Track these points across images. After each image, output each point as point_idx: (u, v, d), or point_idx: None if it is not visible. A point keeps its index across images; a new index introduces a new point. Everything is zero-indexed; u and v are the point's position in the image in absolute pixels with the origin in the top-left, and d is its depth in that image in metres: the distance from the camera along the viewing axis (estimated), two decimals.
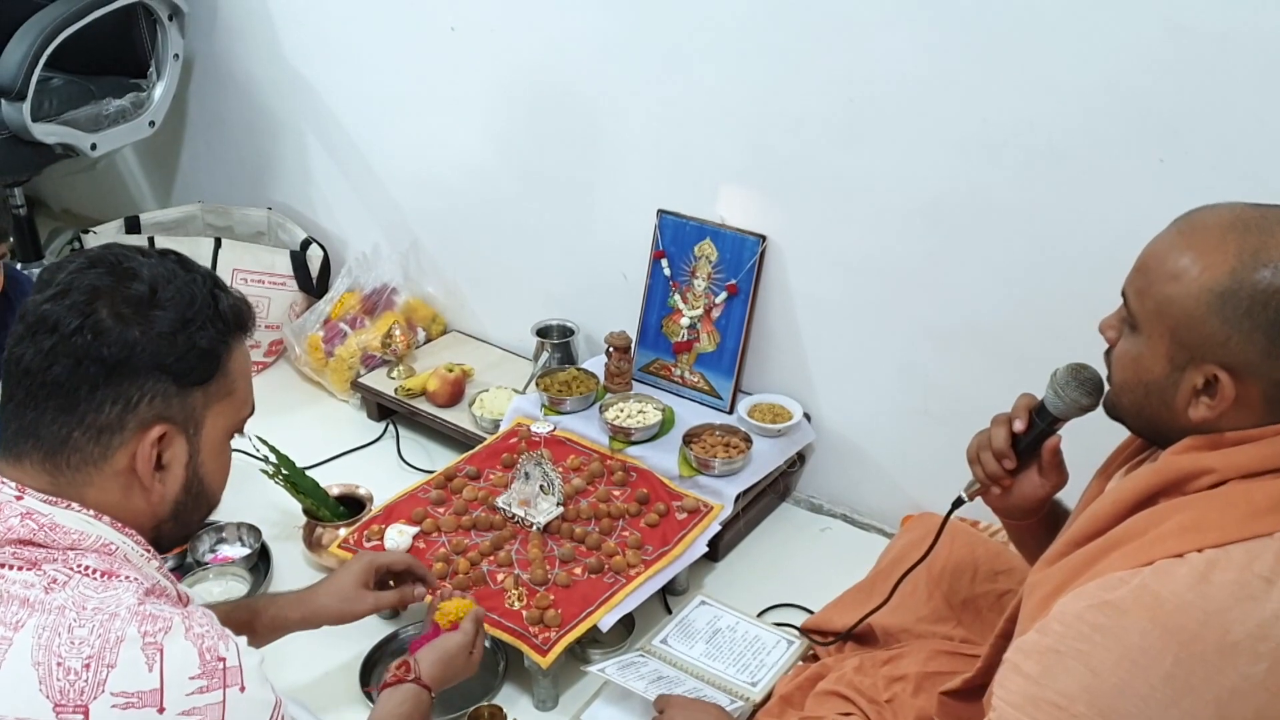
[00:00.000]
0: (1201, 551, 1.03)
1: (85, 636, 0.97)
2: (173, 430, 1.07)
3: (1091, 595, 1.06)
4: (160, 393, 1.05)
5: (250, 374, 1.18)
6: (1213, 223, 1.06)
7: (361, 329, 2.58)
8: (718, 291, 2.16)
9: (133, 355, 1.03)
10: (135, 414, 1.05)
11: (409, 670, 1.47)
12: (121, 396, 1.04)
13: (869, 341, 2.06)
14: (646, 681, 1.68)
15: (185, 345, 1.06)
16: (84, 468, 1.06)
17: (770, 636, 1.83)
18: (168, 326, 1.04)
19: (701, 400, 2.22)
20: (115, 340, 1.03)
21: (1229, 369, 1.05)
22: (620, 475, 2.04)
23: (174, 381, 1.06)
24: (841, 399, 2.15)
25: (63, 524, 1.03)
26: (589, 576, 1.83)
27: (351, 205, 2.77)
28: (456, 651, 1.53)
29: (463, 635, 1.55)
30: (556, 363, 2.38)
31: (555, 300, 2.49)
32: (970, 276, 1.91)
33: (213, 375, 1.09)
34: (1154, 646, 1.00)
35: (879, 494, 2.17)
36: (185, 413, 1.08)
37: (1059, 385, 1.30)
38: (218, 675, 1.01)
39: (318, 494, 2.07)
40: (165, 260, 1.09)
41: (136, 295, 1.05)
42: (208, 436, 1.11)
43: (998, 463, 1.36)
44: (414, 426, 2.48)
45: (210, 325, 1.08)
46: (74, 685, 0.96)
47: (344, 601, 1.59)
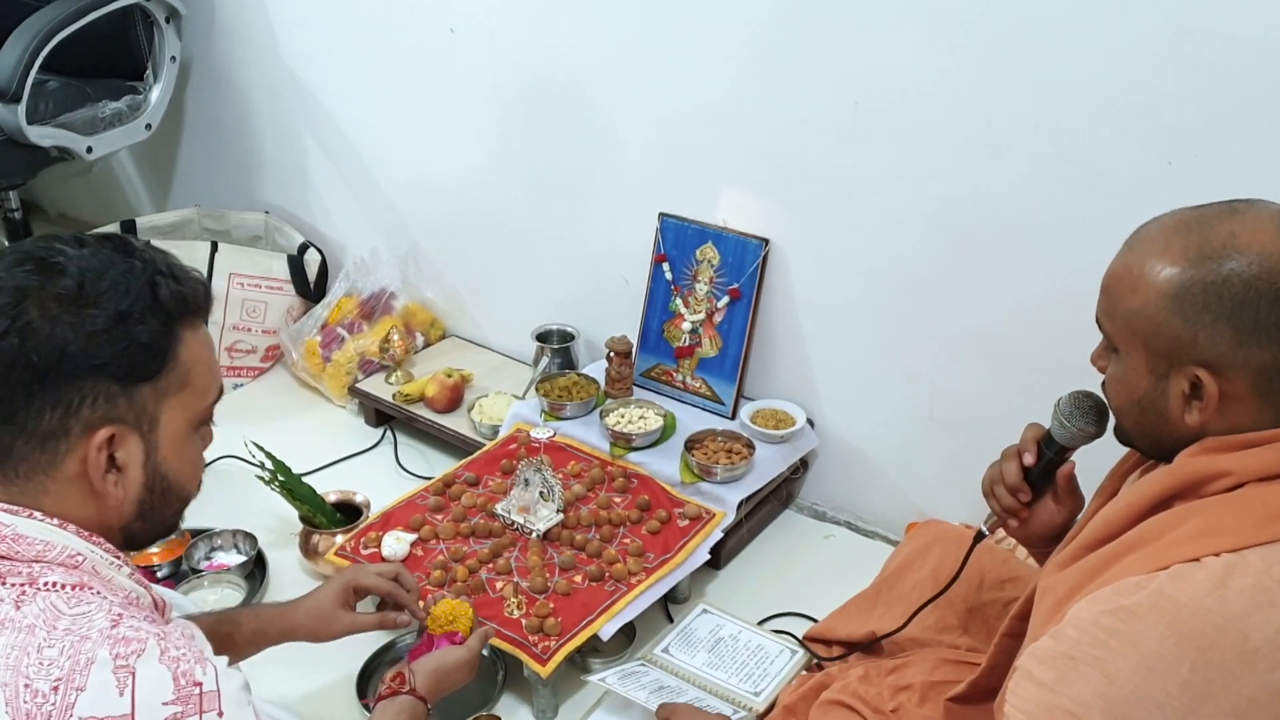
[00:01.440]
0: (1219, 556, 1.01)
1: (55, 658, 0.93)
2: (123, 430, 1.02)
3: (1107, 600, 1.04)
4: (102, 393, 1.00)
5: (211, 359, 1.11)
6: (1155, 231, 1.09)
7: (359, 334, 2.55)
8: (720, 296, 2.14)
9: (65, 358, 0.98)
10: (77, 418, 1.00)
11: (404, 681, 1.44)
12: (60, 401, 0.99)
13: (873, 347, 2.04)
14: (648, 691, 1.65)
15: (122, 342, 1.00)
16: (34, 476, 1.01)
17: (773, 645, 1.81)
18: (101, 324, 0.99)
19: (703, 406, 2.20)
20: (44, 343, 0.97)
21: (1207, 366, 1.05)
22: (621, 482, 2.02)
23: (115, 380, 1.00)
24: (845, 405, 2.13)
25: (26, 534, 0.99)
26: (589, 584, 1.81)
27: (349, 209, 2.75)
28: (455, 665, 1.50)
29: (466, 652, 1.52)
30: (556, 368, 2.35)
31: (555, 305, 2.47)
32: (976, 281, 1.88)
33: (161, 369, 1.03)
34: (1171, 653, 0.98)
35: (883, 501, 2.15)
36: (134, 411, 1.02)
37: (1063, 416, 1.30)
38: (193, 701, 0.97)
39: (314, 500, 2.05)
40: (101, 250, 1.03)
41: (65, 292, 0.99)
42: (166, 431, 1.05)
43: (1012, 496, 1.36)
44: (412, 432, 2.46)
45: (150, 317, 1.01)
46: (41, 709, 0.92)
47: (320, 621, 1.53)
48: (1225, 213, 1.06)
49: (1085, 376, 1.33)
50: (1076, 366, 1.40)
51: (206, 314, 1.10)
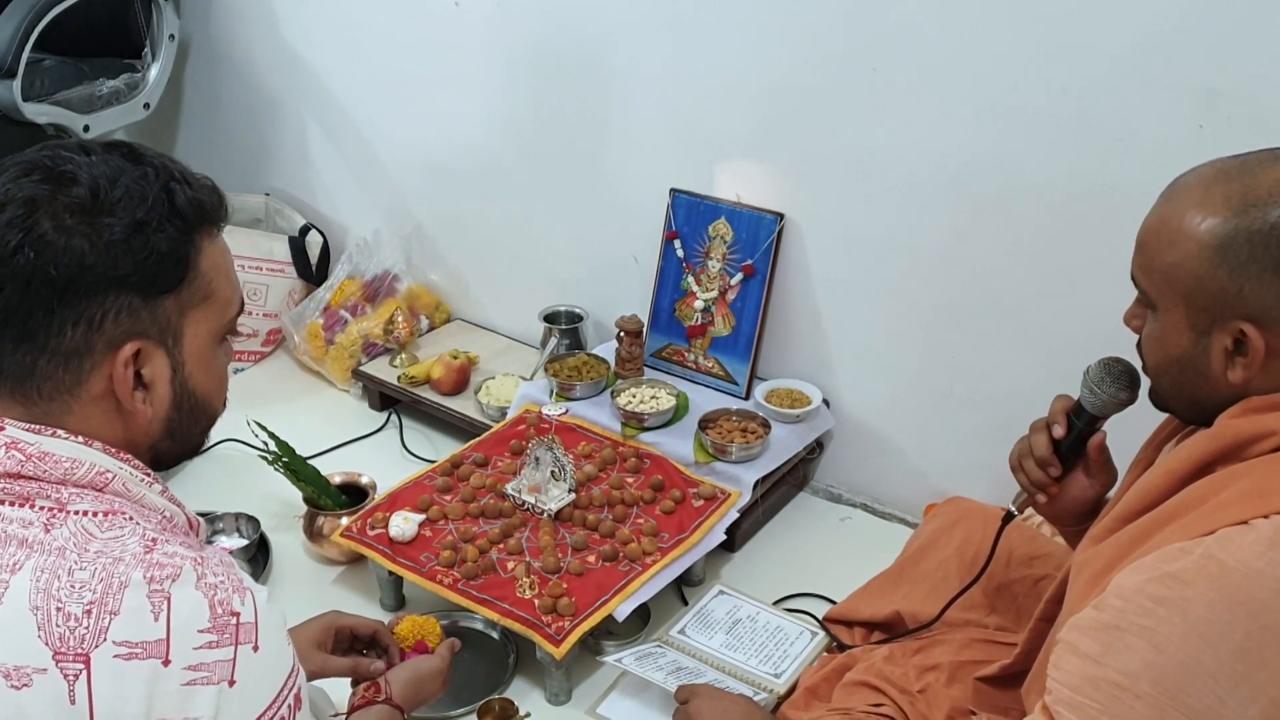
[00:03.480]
0: (1268, 518, 0.97)
1: (87, 580, 0.89)
2: (148, 345, 0.98)
3: (1151, 568, 1.00)
4: (125, 307, 0.95)
5: (231, 269, 1.06)
6: (1194, 181, 1.05)
7: (363, 316, 2.50)
8: (733, 273, 2.09)
9: (84, 270, 0.93)
10: (101, 334, 0.95)
11: (379, 691, 1.37)
12: (82, 317, 0.94)
13: (891, 323, 2.00)
14: (666, 673, 1.60)
15: (142, 252, 0.95)
16: (59, 396, 0.97)
17: (793, 627, 1.76)
18: (119, 233, 0.94)
19: (716, 386, 2.15)
20: (61, 255, 0.93)
21: (1253, 320, 1.01)
22: (634, 462, 1.97)
23: (137, 293, 0.96)
24: (862, 384, 2.08)
25: (53, 452, 0.95)
26: (603, 564, 1.76)
27: (351, 190, 2.70)
28: (429, 675, 1.43)
29: (439, 661, 1.45)
30: (565, 349, 2.30)
31: (563, 285, 2.42)
32: (999, 253, 1.84)
33: (182, 279, 0.98)
34: (1222, 619, 0.95)
35: (901, 482, 2.10)
36: (159, 324, 0.98)
37: (1093, 383, 1.26)
38: (229, 630, 0.93)
39: (319, 482, 2.00)
40: (111, 156, 0.98)
41: (78, 201, 0.94)
42: (191, 346, 1.01)
43: (1042, 470, 1.32)
44: (417, 416, 2.41)
45: (168, 224, 0.97)
46: (74, 632, 0.88)
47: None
48: (1269, 160, 1.02)
49: (1114, 349, 1.29)
50: (1104, 339, 1.37)
51: (224, 221, 1.05)
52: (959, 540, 1.73)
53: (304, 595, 1.87)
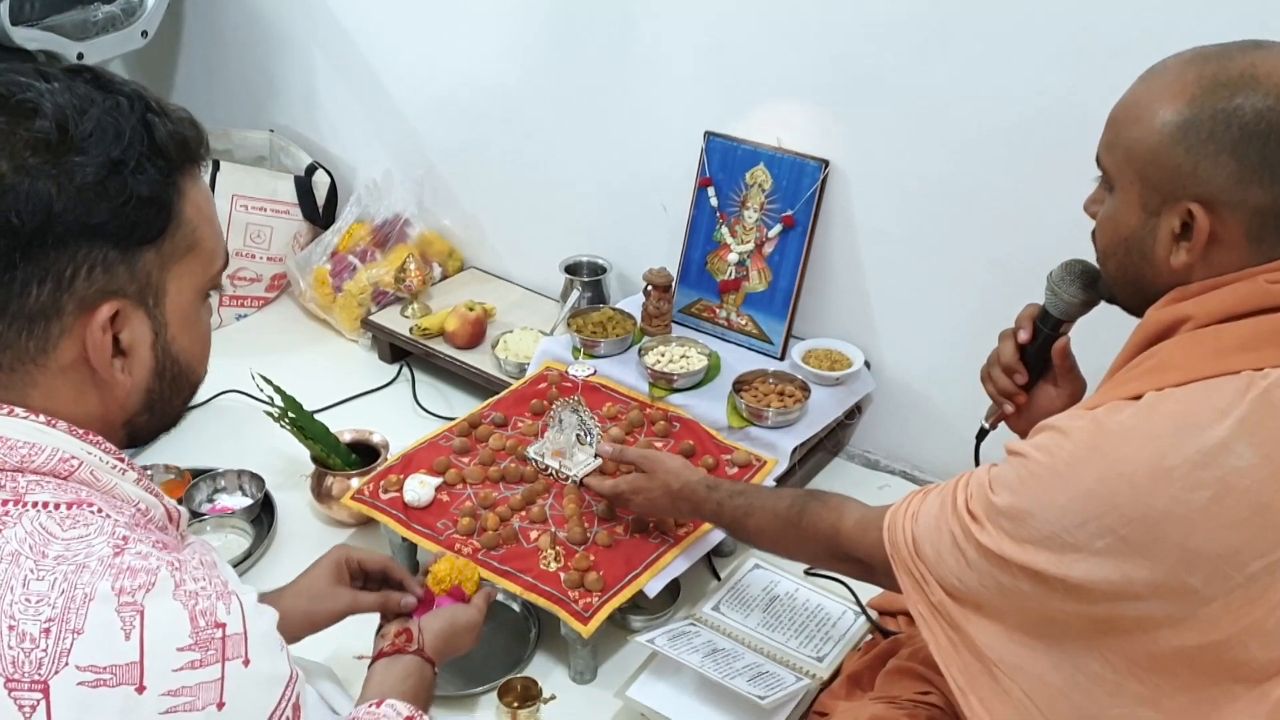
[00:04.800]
0: (1160, 390, 0.99)
1: (44, 592, 0.77)
2: (126, 306, 0.86)
3: (1049, 425, 1.05)
4: (99, 261, 0.83)
5: (215, 216, 0.95)
6: (1172, 63, 1.04)
7: (372, 263, 2.38)
8: (771, 224, 1.95)
9: (51, 218, 0.81)
10: (71, 293, 0.83)
11: (411, 639, 1.26)
12: (49, 273, 0.82)
13: (942, 281, 1.86)
14: (701, 655, 1.50)
15: (119, 196, 0.83)
16: (20, 367, 0.85)
17: (834, 605, 1.65)
18: (91, 175, 0.82)
19: (749, 345, 2.02)
20: (24, 201, 0.80)
21: (1202, 202, 1.00)
22: (662, 425, 1.85)
23: (114, 245, 0.84)
24: (907, 345, 1.96)
25: (7, 435, 0.83)
26: (632, 536, 1.64)
27: (361, 128, 2.56)
28: (464, 628, 1.32)
29: (475, 612, 1.34)
30: (587, 302, 2.18)
31: (585, 234, 2.28)
32: (1063, 208, 1.68)
33: (165, 228, 0.87)
34: (1082, 460, 0.99)
35: (944, 449, 1.98)
36: (138, 281, 0.86)
37: (1055, 284, 1.27)
38: (214, 646, 0.81)
39: (328, 440, 1.88)
40: (75, 83, 0.85)
41: (42, 137, 0.81)
42: (174, 304, 0.90)
43: (1008, 378, 1.33)
44: (430, 370, 2.29)
45: (148, 164, 0.85)
46: (29, 655, 0.76)
47: (314, 600, 1.32)
48: (1249, 47, 1.00)
49: None
50: None
51: (206, 161, 0.93)
52: None
53: (309, 558, 1.72)
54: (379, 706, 1.11)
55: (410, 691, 1.19)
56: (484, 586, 1.40)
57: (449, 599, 1.37)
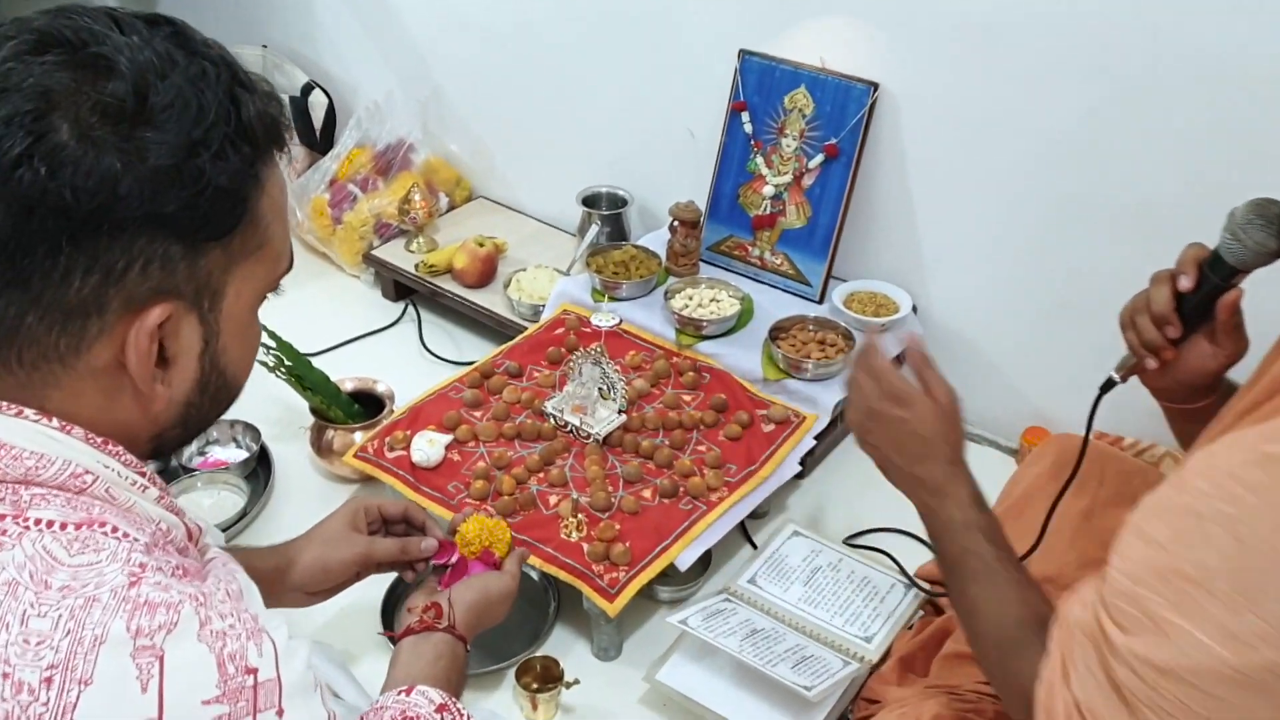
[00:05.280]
0: None
1: (47, 632, 0.65)
2: (180, 309, 0.74)
3: (1249, 447, 0.78)
4: (159, 256, 0.71)
5: (286, 209, 0.82)
6: None
7: (374, 192, 2.21)
8: (812, 153, 1.77)
9: (114, 201, 0.68)
10: (121, 288, 0.71)
11: (440, 614, 1.13)
12: (98, 263, 0.70)
13: (1000, 218, 1.69)
14: (740, 638, 1.36)
15: (195, 183, 0.70)
16: (44, 365, 0.72)
17: (881, 577, 1.51)
18: (167, 155, 0.69)
19: (784, 287, 1.86)
20: (84, 177, 0.67)
21: None
22: (691, 376, 1.70)
23: (178, 238, 0.72)
24: (958, 288, 1.79)
25: (12, 441, 0.70)
26: (661, 501, 1.50)
27: (361, 44, 2.37)
28: (498, 597, 1.20)
29: (510, 579, 1.22)
30: (607, 238, 2.01)
31: (605, 162, 2.10)
32: (1142, 143, 1.52)
33: (237, 224, 0.75)
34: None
35: (995, 401, 1.82)
36: (197, 281, 0.74)
37: (1239, 226, 1.03)
38: (244, 696, 0.70)
39: (328, 390, 1.73)
40: (155, 37, 0.72)
41: (115, 102, 0.68)
42: (230, 310, 0.78)
43: (1157, 329, 1.12)
44: (438, 309, 2.13)
45: (230, 148, 0.72)
46: (27, 710, 0.64)
47: (328, 544, 1.20)
48: None
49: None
50: None
51: (288, 146, 0.81)
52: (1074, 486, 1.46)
53: (311, 517, 1.55)
54: (409, 694, 0.99)
55: (442, 675, 1.07)
56: (516, 549, 1.27)
57: (479, 563, 1.24)
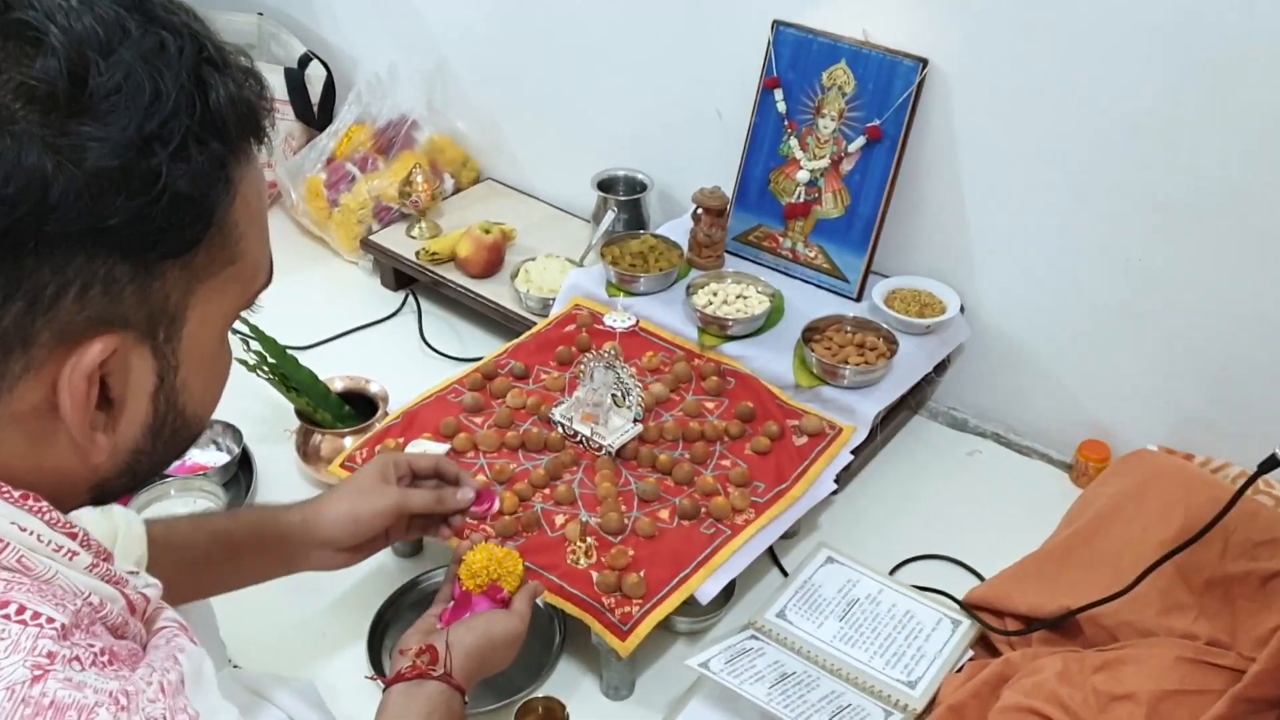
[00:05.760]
0: None
1: None
2: (128, 341, 0.60)
3: None
4: (100, 278, 0.57)
5: (264, 212, 0.68)
6: None
7: (374, 172, 2.05)
8: (852, 135, 1.60)
9: (44, 211, 0.54)
10: (51, 319, 0.57)
11: (436, 660, 1.01)
12: (22, 288, 0.56)
13: (1061, 209, 1.52)
14: (768, 685, 1.21)
15: (146, 189, 0.57)
16: None
17: (927, 612, 1.35)
18: (112, 153, 0.55)
19: (819, 283, 1.69)
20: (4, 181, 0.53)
21: None
22: (714, 381, 1.54)
23: (125, 256, 0.58)
24: (1011, 286, 1.62)
25: None
26: (680, 524, 1.35)
27: (362, 13, 2.22)
28: (503, 640, 1.08)
29: (518, 620, 1.09)
30: (624, 226, 1.85)
31: (623, 143, 1.94)
32: (1223, 127, 1.35)
33: (201, 237, 0.61)
34: None
35: (1048, 410, 1.66)
36: (150, 308, 0.61)
37: None
38: None
39: (315, 390, 1.58)
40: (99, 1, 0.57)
41: (44, 85, 0.54)
42: (193, 339, 0.64)
43: None
44: (440, 301, 1.97)
45: (196, 145, 0.58)
46: None
47: (357, 495, 1.13)
48: None
49: None
50: None
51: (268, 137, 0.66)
52: (1155, 512, 1.31)
53: None
54: None
55: None
56: (528, 583, 1.14)
57: (485, 600, 1.11)
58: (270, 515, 1.12)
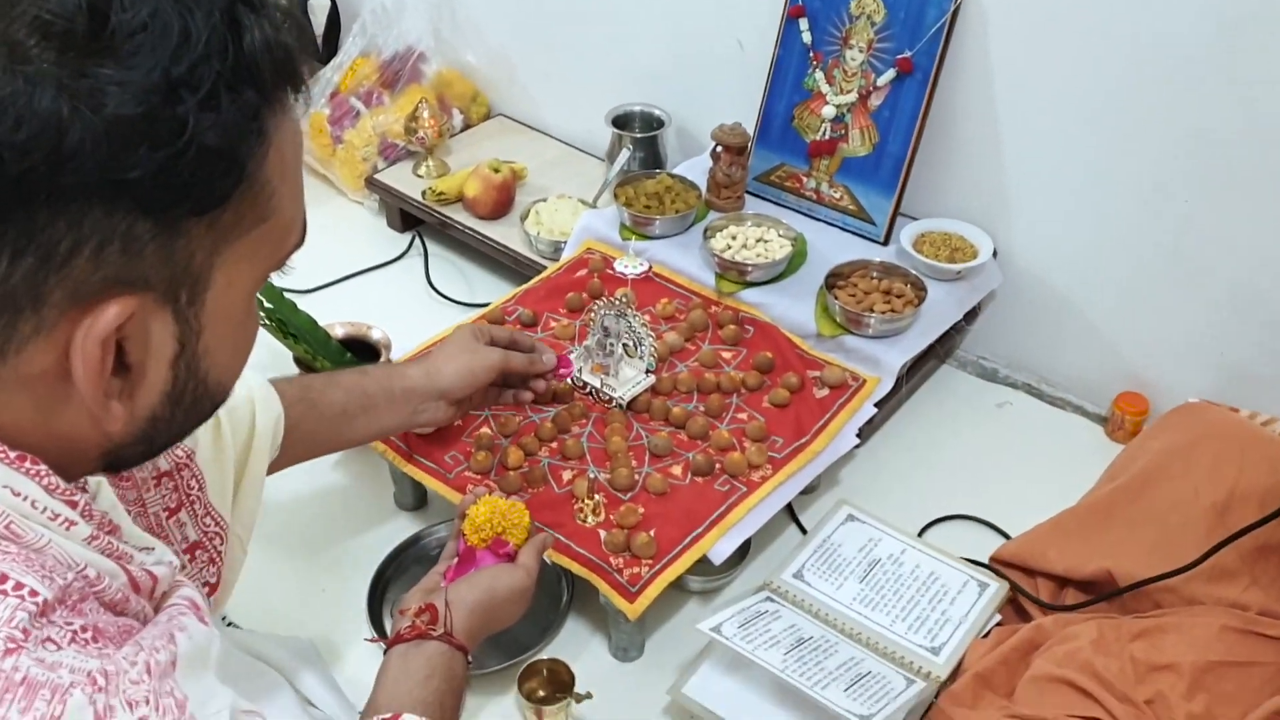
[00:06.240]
0: None
1: None
2: (147, 304, 0.56)
3: None
4: (119, 235, 0.53)
5: (299, 169, 0.63)
6: None
7: (379, 107, 1.97)
8: (881, 69, 1.51)
9: (58, 160, 0.50)
10: (65, 276, 0.53)
11: (436, 619, 0.98)
12: (34, 243, 0.52)
13: (1105, 149, 1.43)
14: (783, 650, 1.15)
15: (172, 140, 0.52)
16: None
17: (953, 573, 1.28)
18: (135, 100, 0.51)
19: (845, 226, 1.61)
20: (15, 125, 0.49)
21: None
22: (732, 330, 1.46)
23: (146, 212, 0.53)
24: (1048, 230, 1.53)
25: None
26: (693, 480, 1.28)
27: None
28: (507, 596, 1.04)
29: (524, 575, 1.06)
30: (639, 165, 1.76)
31: (638, 77, 1.85)
32: None
33: (230, 194, 0.56)
34: None
35: (1083, 360, 1.58)
36: (173, 269, 0.56)
37: None
38: None
39: (315, 336, 1.51)
40: None
41: (62, 22, 0.50)
42: (219, 303, 0.60)
43: None
44: (447, 243, 1.90)
45: (227, 93, 0.54)
46: None
47: (466, 352, 1.20)
48: None
49: None
50: None
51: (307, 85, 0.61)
52: (1206, 470, 1.22)
53: (295, 484, 1.41)
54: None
55: (434, 697, 0.93)
56: (535, 535, 1.11)
57: (489, 554, 1.07)
58: (397, 370, 1.20)
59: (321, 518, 1.42)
